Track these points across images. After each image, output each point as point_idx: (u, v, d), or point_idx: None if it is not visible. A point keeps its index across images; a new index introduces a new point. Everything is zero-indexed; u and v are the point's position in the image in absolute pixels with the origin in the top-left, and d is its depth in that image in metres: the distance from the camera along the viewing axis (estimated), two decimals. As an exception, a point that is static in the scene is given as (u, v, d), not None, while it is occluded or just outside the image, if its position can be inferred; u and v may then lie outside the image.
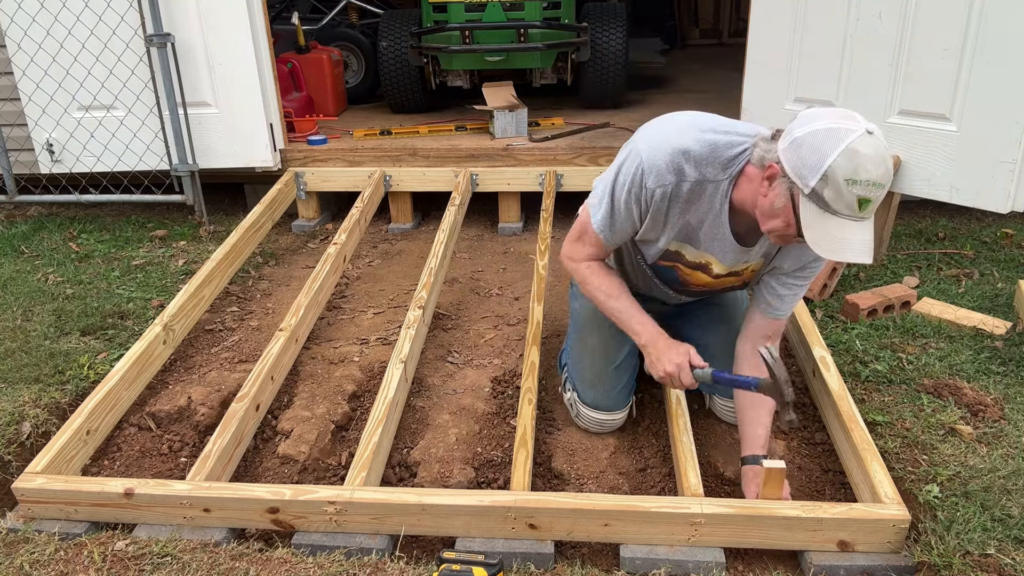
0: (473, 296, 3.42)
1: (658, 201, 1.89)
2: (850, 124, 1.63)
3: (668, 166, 1.85)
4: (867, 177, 1.59)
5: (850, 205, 1.61)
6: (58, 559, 1.86)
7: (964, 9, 2.92)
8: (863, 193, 1.60)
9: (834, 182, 1.60)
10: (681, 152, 1.84)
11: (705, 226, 1.94)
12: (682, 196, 1.88)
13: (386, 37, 4.74)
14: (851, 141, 1.60)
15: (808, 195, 1.65)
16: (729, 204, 1.88)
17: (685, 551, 1.88)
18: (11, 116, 4.04)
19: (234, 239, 3.36)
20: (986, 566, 1.74)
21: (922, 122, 3.17)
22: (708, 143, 1.84)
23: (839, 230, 1.64)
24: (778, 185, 1.71)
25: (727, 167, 1.85)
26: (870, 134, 1.62)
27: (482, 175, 4.10)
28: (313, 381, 2.72)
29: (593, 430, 2.40)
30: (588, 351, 2.34)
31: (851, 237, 1.64)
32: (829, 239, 1.65)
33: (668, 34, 7.57)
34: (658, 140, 1.88)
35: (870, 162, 1.59)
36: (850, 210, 1.62)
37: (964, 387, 2.40)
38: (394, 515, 1.93)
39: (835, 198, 1.61)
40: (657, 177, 1.86)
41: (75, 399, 2.51)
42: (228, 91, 3.94)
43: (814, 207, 1.65)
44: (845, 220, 1.64)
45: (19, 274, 3.46)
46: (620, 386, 2.33)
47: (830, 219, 1.64)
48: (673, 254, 2.05)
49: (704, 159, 1.84)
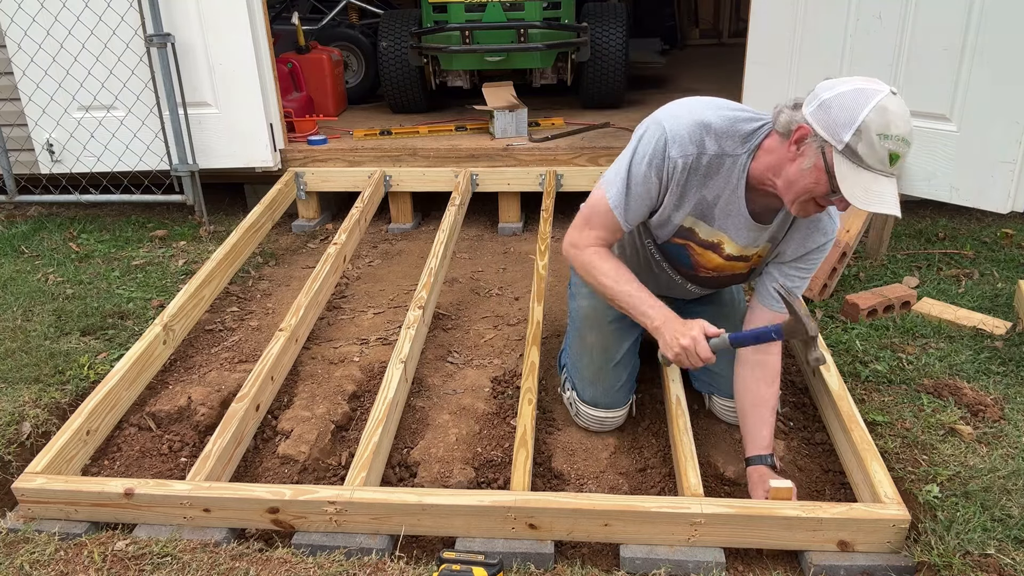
0: (473, 296, 3.42)
1: (679, 173, 1.91)
2: (876, 85, 1.71)
3: (690, 137, 1.89)
4: (897, 132, 1.66)
5: (882, 159, 1.68)
6: (58, 559, 1.86)
7: (964, 9, 2.92)
8: (894, 148, 1.67)
9: (867, 136, 1.66)
10: (703, 125, 1.89)
11: (721, 201, 1.97)
12: (701, 169, 1.92)
13: (386, 37, 4.74)
14: (880, 99, 1.67)
15: (842, 151, 1.70)
16: (746, 181, 1.92)
17: (685, 551, 1.88)
18: (11, 116, 4.04)
19: (234, 239, 3.36)
20: (986, 566, 1.74)
21: (922, 122, 3.17)
22: (728, 118, 1.90)
23: (872, 183, 1.70)
24: (808, 145, 1.75)
25: (746, 141, 1.89)
26: (895, 94, 1.69)
27: (482, 175, 4.10)
28: (313, 381, 2.72)
29: (593, 428, 2.40)
30: (587, 349, 2.34)
31: (883, 190, 1.70)
32: (864, 191, 1.70)
33: (668, 34, 7.57)
34: (680, 112, 1.93)
35: (899, 118, 1.67)
36: (882, 164, 1.68)
37: (964, 387, 2.40)
38: (394, 515, 1.93)
39: (868, 152, 1.67)
40: (680, 147, 1.89)
41: (75, 399, 2.51)
42: (228, 91, 3.94)
43: (848, 162, 1.70)
44: (877, 175, 1.70)
45: (19, 274, 3.46)
46: (619, 384, 2.33)
47: (863, 173, 1.70)
48: (686, 231, 2.05)
49: (724, 132, 1.89)
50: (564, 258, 2.18)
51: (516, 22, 4.50)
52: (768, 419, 2.09)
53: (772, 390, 2.11)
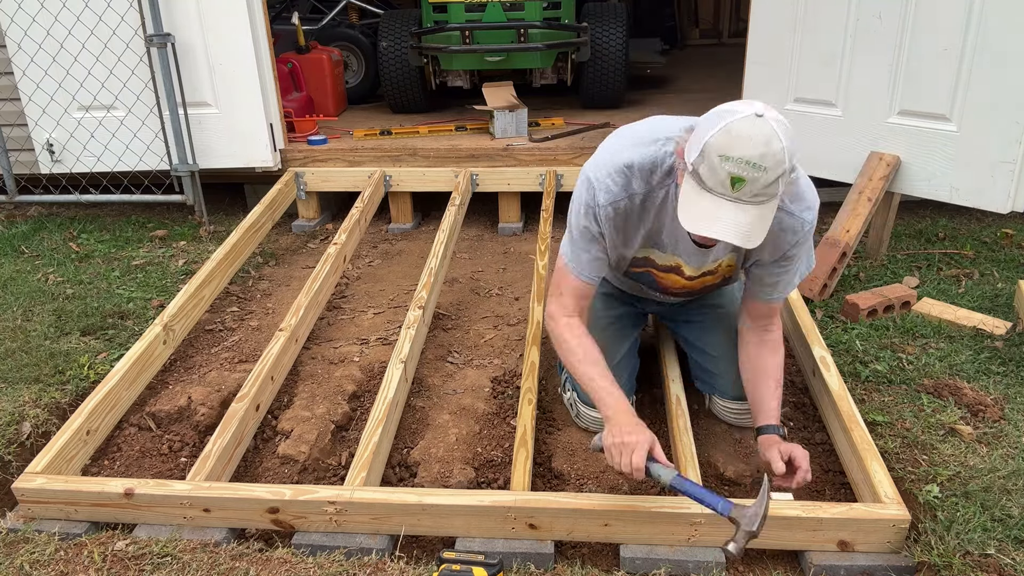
0: (473, 296, 3.42)
1: (613, 217, 1.91)
2: (741, 107, 1.62)
3: (615, 182, 1.88)
4: (739, 154, 1.57)
5: (723, 182, 1.60)
6: (58, 559, 1.86)
7: (964, 9, 2.92)
8: (735, 170, 1.58)
9: (709, 158, 1.60)
10: (625, 167, 1.87)
11: (665, 230, 1.97)
12: (635, 209, 1.91)
13: (386, 37, 4.74)
14: (732, 120, 1.59)
15: (690, 172, 1.65)
16: None
17: (685, 551, 1.88)
18: (11, 116, 4.04)
19: (234, 239, 3.36)
20: (986, 566, 1.74)
21: (922, 122, 3.17)
22: (650, 154, 1.87)
23: (712, 206, 1.63)
24: (679, 170, 1.74)
25: (671, 172, 1.87)
26: (758, 116, 1.59)
27: (482, 175, 4.10)
28: (313, 381, 2.72)
29: (593, 429, 2.40)
30: None
31: (722, 215, 1.62)
32: (698, 211, 1.65)
33: (668, 34, 7.57)
34: (603, 158, 1.92)
35: (746, 141, 1.57)
36: (723, 187, 1.60)
37: (964, 387, 2.40)
38: (394, 515, 1.93)
39: (709, 174, 1.61)
40: (607, 194, 1.88)
41: (75, 399, 2.51)
42: (228, 91, 3.94)
43: (693, 184, 1.65)
44: (719, 198, 1.62)
45: (19, 274, 3.46)
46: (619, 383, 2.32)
47: (705, 195, 1.64)
48: (643, 260, 2.08)
49: (648, 169, 1.87)
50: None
51: (516, 22, 4.50)
52: (774, 391, 2.07)
53: (775, 360, 2.10)
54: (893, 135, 3.26)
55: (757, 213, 1.63)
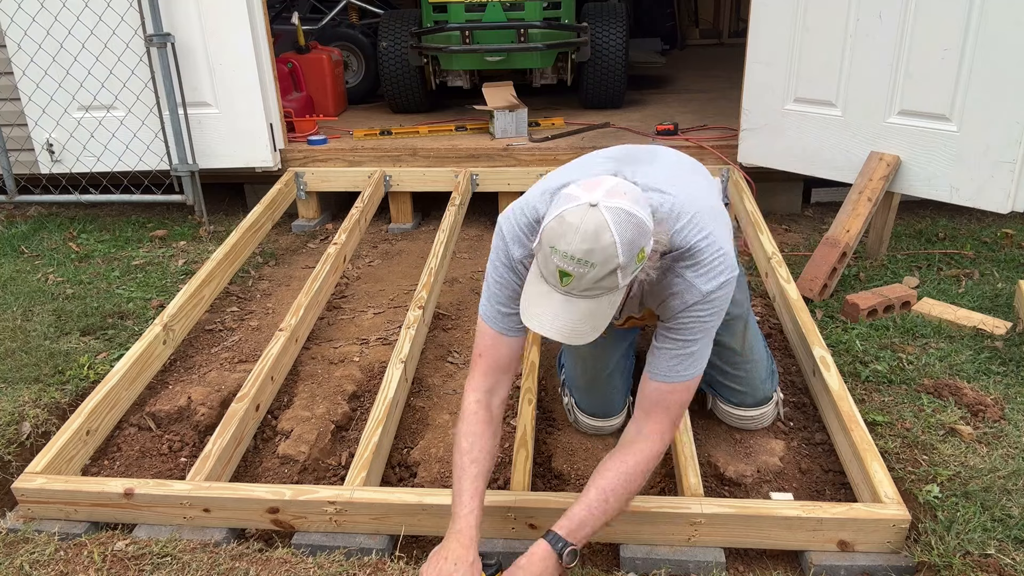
0: (473, 296, 3.42)
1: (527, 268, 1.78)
2: (581, 192, 1.52)
3: (525, 233, 1.79)
4: (566, 248, 1.47)
5: (552, 273, 1.52)
6: (58, 559, 1.86)
7: (964, 9, 2.92)
8: (561, 264, 1.49)
9: (543, 246, 1.52)
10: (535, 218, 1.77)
11: None
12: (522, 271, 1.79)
13: (386, 37, 4.74)
14: (568, 207, 1.49)
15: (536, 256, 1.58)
16: None
17: (685, 551, 1.88)
18: (11, 116, 4.04)
19: (234, 239, 3.36)
20: (986, 566, 1.74)
21: (922, 122, 3.17)
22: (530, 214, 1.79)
23: (543, 298, 1.56)
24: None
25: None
26: (592, 207, 1.48)
27: (482, 175, 4.10)
28: (313, 381, 2.72)
29: (591, 434, 2.40)
30: (580, 359, 2.29)
31: (546, 308, 1.55)
32: (529, 302, 1.58)
33: (668, 34, 7.57)
34: (515, 209, 1.84)
35: (574, 234, 1.47)
36: (553, 279, 1.52)
37: (964, 387, 2.40)
38: (394, 515, 1.93)
39: (543, 263, 1.54)
40: (519, 245, 1.79)
41: (75, 399, 2.51)
42: (228, 91, 3.94)
43: (535, 269, 1.59)
44: (551, 289, 1.54)
45: (19, 274, 3.46)
46: (613, 392, 2.31)
47: (541, 283, 1.57)
48: None
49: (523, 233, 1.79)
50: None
51: (516, 22, 4.50)
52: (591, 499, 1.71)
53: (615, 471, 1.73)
54: (893, 135, 3.26)
55: (588, 308, 1.54)
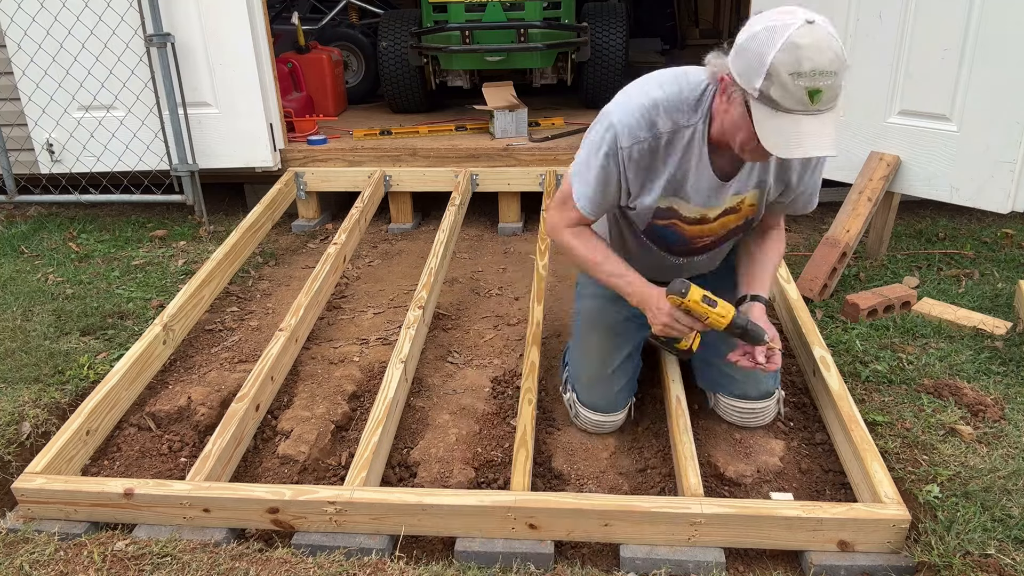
0: (473, 296, 3.42)
1: (636, 159, 1.90)
2: (787, 19, 1.60)
3: (639, 122, 1.86)
4: (811, 67, 1.57)
5: (800, 99, 1.59)
6: (58, 559, 1.86)
7: (964, 9, 2.92)
8: (811, 84, 1.58)
9: (779, 79, 1.58)
10: (649, 106, 1.86)
11: (691, 176, 1.94)
12: (660, 149, 1.90)
13: (386, 37, 4.74)
14: (789, 34, 1.57)
15: (758, 98, 1.63)
16: (709, 144, 1.89)
17: (685, 551, 1.88)
18: (11, 116, 4.04)
19: (234, 239, 3.36)
20: (986, 566, 1.74)
21: (922, 122, 3.17)
22: (673, 92, 1.87)
23: (793, 126, 1.62)
24: (734, 96, 1.71)
25: (697, 107, 1.86)
26: (810, 23, 1.59)
27: (482, 175, 4.10)
28: (313, 381, 2.72)
29: (591, 431, 2.40)
30: (585, 354, 2.34)
31: (806, 131, 1.62)
32: (784, 137, 1.63)
33: (668, 34, 7.57)
34: (625, 100, 1.91)
35: (813, 51, 1.56)
36: (802, 104, 1.60)
37: (964, 387, 2.40)
38: (394, 515, 1.93)
39: (783, 95, 1.60)
40: (630, 135, 1.87)
41: (75, 399, 2.51)
42: (228, 91, 3.93)
43: (766, 108, 1.63)
44: (800, 116, 1.62)
45: (19, 274, 3.46)
46: (617, 389, 2.32)
47: (783, 117, 1.62)
48: (666, 211, 2.03)
49: (672, 106, 1.86)
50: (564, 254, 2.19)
51: (516, 22, 4.50)
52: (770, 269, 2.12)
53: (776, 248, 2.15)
54: (893, 135, 3.26)
55: (833, 117, 1.64)
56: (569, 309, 3.14)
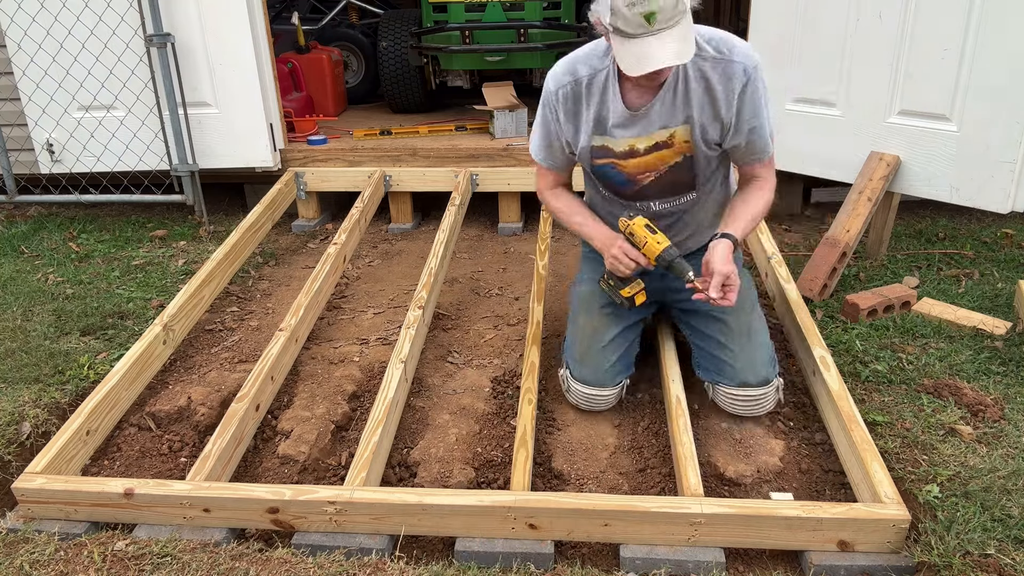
0: (473, 296, 3.42)
1: (563, 102, 2.20)
2: None
3: (564, 70, 2.20)
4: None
5: (639, 24, 1.83)
6: (58, 559, 1.86)
7: (964, 9, 2.92)
8: (644, 9, 1.82)
9: (619, 11, 1.85)
10: (574, 58, 2.20)
11: (609, 112, 2.17)
12: (581, 91, 2.18)
13: (386, 37, 4.74)
14: None
15: (613, 32, 1.90)
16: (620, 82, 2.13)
17: (685, 551, 1.88)
18: (11, 116, 4.04)
19: (234, 239, 3.36)
20: (986, 566, 1.74)
21: (922, 122, 3.17)
22: (590, 46, 2.19)
23: (640, 48, 1.86)
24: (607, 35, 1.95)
25: (607, 53, 2.13)
26: None
27: (482, 175, 4.10)
28: (313, 381, 2.72)
29: (582, 407, 2.46)
30: (579, 330, 2.46)
31: (651, 50, 1.85)
32: (635, 58, 1.87)
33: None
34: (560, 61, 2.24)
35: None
36: (642, 28, 1.84)
37: (964, 387, 2.40)
38: (394, 515, 1.93)
39: (625, 23, 1.85)
40: (556, 80, 2.20)
41: (75, 399, 2.51)
42: (228, 91, 3.94)
43: (618, 38, 1.89)
44: (643, 38, 1.85)
45: (19, 274, 3.46)
46: (608, 365, 2.40)
47: (632, 43, 1.87)
48: (600, 149, 2.24)
49: (590, 54, 2.18)
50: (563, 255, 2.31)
51: (516, 22, 4.50)
52: (748, 214, 2.22)
53: (756, 197, 2.25)
54: (893, 135, 3.26)
55: (678, 33, 1.86)
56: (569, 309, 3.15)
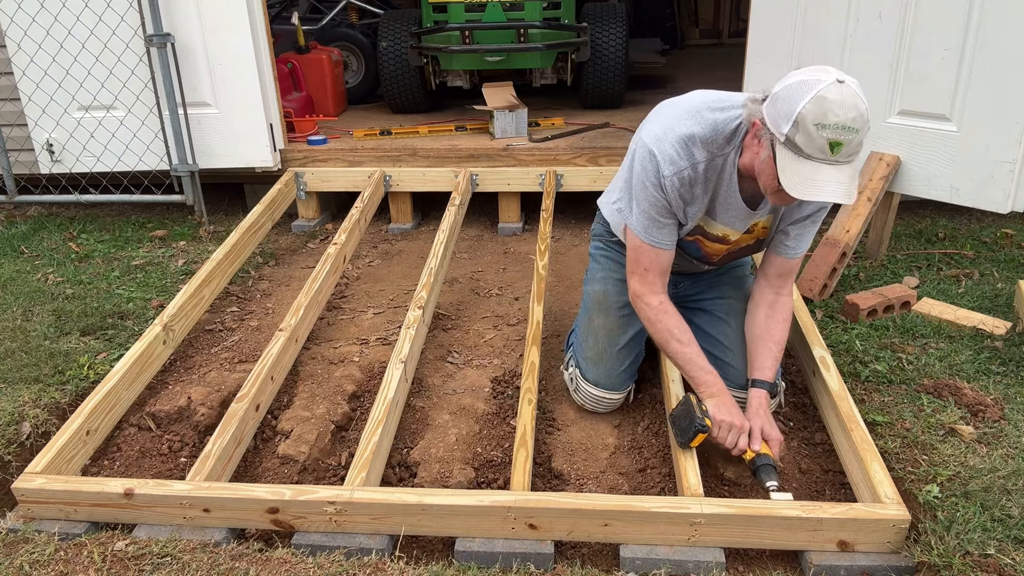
0: (473, 296, 3.42)
1: (678, 187, 2.03)
2: (821, 75, 1.76)
3: (679, 153, 2.00)
4: (836, 121, 1.71)
5: (821, 148, 1.73)
6: (58, 559, 1.86)
7: (964, 9, 2.92)
8: (833, 136, 1.72)
9: (804, 127, 1.73)
10: (687, 138, 2.00)
11: (720, 198, 2.09)
12: (699, 177, 2.03)
13: (386, 37, 4.74)
14: (820, 89, 1.73)
15: (784, 143, 1.78)
16: (738, 173, 2.03)
17: (685, 551, 1.88)
18: (11, 116, 4.04)
19: (234, 239, 3.36)
20: (986, 566, 1.74)
21: (922, 122, 3.17)
22: (709, 123, 2.00)
23: (812, 172, 1.76)
24: (763, 139, 1.86)
25: (731, 139, 2.00)
26: (840, 83, 1.73)
27: (482, 175, 4.10)
28: (313, 381, 2.72)
29: (588, 407, 2.46)
30: (594, 331, 2.43)
31: (824, 179, 1.76)
32: (802, 180, 1.77)
33: (668, 34, 7.57)
34: (662, 131, 2.03)
35: (838, 107, 1.71)
36: (822, 153, 1.74)
37: (964, 387, 2.40)
38: (394, 515, 1.93)
39: (806, 142, 1.74)
40: (671, 165, 2.00)
41: (75, 399, 2.51)
42: (228, 91, 3.93)
43: (789, 153, 1.78)
44: (819, 164, 1.75)
45: (19, 274, 3.46)
46: (622, 368, 2.41)
47: (804, 163, 1.76)
48: (695, 228, 2.18)
49: (709, 139, 2.00)
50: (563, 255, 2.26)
51: (516, 22, 4.50)
52: (774, 353, 2.18)
53: (782, 329, 2.21)
54: (893, 135, 3.26)
55: (850, 170, 1.78)
56: (569, 309, 3.15)
